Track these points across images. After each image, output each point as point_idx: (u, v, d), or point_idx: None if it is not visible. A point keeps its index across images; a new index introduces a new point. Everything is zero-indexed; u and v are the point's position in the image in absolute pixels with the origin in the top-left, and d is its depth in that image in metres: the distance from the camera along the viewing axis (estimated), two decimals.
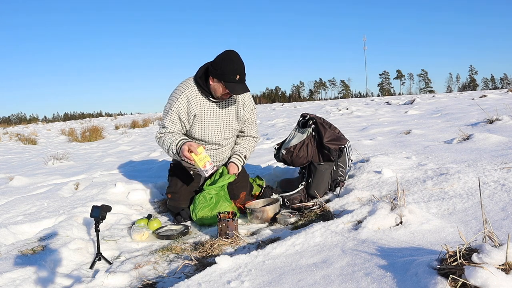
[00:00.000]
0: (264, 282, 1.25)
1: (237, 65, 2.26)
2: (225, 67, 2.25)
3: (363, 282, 1.14)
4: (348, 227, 1.65)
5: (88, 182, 3.36)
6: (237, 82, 2.28)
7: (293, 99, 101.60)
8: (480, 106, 6.98)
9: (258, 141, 2.78)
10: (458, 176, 2.14)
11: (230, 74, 2.25)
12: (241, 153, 2.61)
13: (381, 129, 5.47)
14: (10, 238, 2.10)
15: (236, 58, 2.28)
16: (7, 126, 28.98)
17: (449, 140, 3.60)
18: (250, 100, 2.62)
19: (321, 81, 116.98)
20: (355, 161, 2.94)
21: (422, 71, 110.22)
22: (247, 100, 2.58)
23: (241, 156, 2.60)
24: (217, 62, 2.29)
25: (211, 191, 2.37)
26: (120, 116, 39.35)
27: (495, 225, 1.50)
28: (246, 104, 2.58)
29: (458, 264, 1.01)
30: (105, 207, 1.92)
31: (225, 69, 2.25)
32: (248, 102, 2.59)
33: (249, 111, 2.60)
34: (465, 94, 19.04)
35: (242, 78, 2.30)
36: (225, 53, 2.30)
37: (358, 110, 10.55)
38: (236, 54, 2.30)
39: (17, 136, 12.88)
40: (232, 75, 2.26)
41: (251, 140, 2.71)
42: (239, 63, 2.28)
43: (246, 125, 2.66)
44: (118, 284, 1.59)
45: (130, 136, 10.45)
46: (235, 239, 1.93)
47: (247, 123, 2.64)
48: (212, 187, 2.38)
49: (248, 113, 2.60)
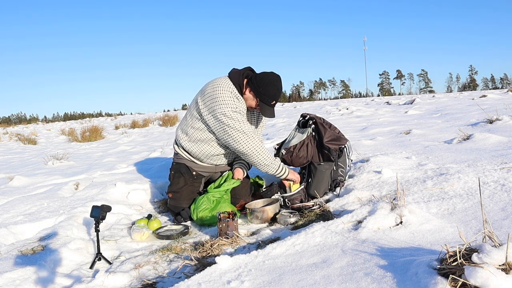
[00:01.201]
0: (264, 282, 1.25)
1: (278, 92, 2.37)
2: (268, 90, 2.33)
3: (363, 282, 1.14)
4: (348, 227, 1.65)
5: (88, 182, 3.36)
6: (271, 106, 2.39)
7: (293, 99, 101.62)
8: (480, 106, 6.98)
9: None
10: (458, 176, 2.14)
11: (269, 98, 2.34)
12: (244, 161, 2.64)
13: (381, 129, 5.47)
14: (10, 238, 2.10)
15: (280, 85, 2.38)
16: (7, 126, 28.99)
17: (449, 140, 3.60)
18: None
19: (321, 81, 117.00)
20: (355, 161, 2.94)
21: (422, 71, 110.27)
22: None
23: (245, 163, 2.64)
24: (263, 80, 2.33)
25: (216, 194, 2.38)
26: (120, 116, 39.36)
27: (495, 225, 1.50)
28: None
29: (458, 264, 1.01)
30: (105, 207, 1.92)
31: (267, 92, 2.33)
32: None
33: (263, 119, 2.69)
34: (465, 94, 19.06)
35: (275, 104, 2.41)
36: (272, 75, 2.37)
37: (358, 110, 10.55)
38: (281, 81, 2.39)
39: (17, 136, 12.89)
40: (270, 100, 2.36)
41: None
42: (280, 90, 2.39)
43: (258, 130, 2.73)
44: (118, 284, 1.59)
45: (130, 136, 10.45)
46: (235, 239, 1.93)
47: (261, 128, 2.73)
48: (217, 190, 2.39)
49: (264, 119, 2.71)
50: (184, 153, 2.64)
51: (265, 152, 2.38)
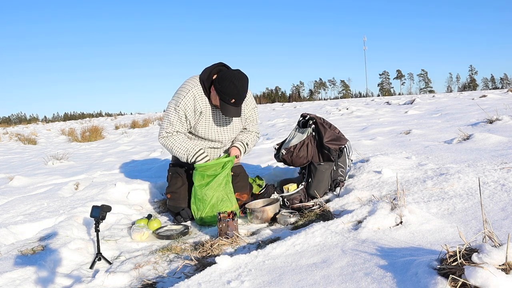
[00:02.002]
0: (264, 282, 1.25)
1: (236, 90, 2.26)
2: (226, 88, 2.27)
3: (363, 282, 1.14)
4: (348, 227, 1.65)
5: (88, 182, 3.36)
6: (231, 104, 2.30)
7: (293, 99, 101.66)
8: (480, 106, 6.98)
9: (259, 136, 2.83)
10: (458, 176, 2.14)
11: (227, 96, 2.28)
12: (243, 141, 2.65)
13: (381, 129, 5.47)
14: (10, 238, 2.11)
15: (240, 83, 2.27)
16: (7, 126, 29.00)
17: (449, 140, 3.60)
18: (252, 99, 2.65)
19: (321, 81, 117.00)
20: (355, 161, 2.94)
21: (422, 71, 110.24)
22: (248, 99, 2.60)
23: (243, 143, 2.63)
24: (222, 78, 2.29)
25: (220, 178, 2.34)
26: (120, 116, 39.38)
27: (495, 225, 1.50)
28: (248, 103, 2.60)
29: (458, 264, 1.01)
30: (105, 207, 1.92)
31: (225, 89, 2.27)
32: (249, 101, 2.61)
33: (250, 110, 2.64)
34: (465, 94, 19.06)
35: (237, 103, 2.31)
36: (232, 73, 2.29)
37: (358, 110, 10.56)
38: (241, 79, 2.28)
39: (17, 136, 12.89)
40: (229, 98, 2.28)
41: (253, 133, 2.74)
42: (240, 88, 2.28)
43: (248, 123, 2.70)
44: (118, 284, 1.59)
45: (130, 136, 10.45)
46: (235, 239, 1.93)
47: (248, 120, 2.68)
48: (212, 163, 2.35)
49: (249, 111, 2.64)
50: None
51: (176, 148, 2.44)
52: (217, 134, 2.54)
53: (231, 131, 2.60)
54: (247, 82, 2.34)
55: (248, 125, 2.71)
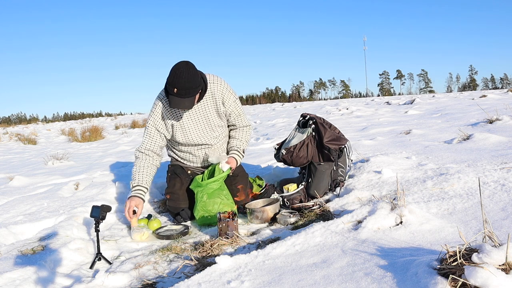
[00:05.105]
0: (264, 282, 1.25)
1: (177, 79, 2.13)
2: (168, 78, 2.18)
3: (363, 282, 1.14)
4: (348, 227, 1.65)
5: (88, 182, 3.36)
6: (175, 95, 2.16)
7: (293, 99, 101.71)
8: (480, 106, 6.98)
9: (252, 128, 2.73)
10: (458, 176, 2.14)
11: (169, 85, 2.16)
12: (239, 148, 2.59)
13: (381, 129, 5.47)
14: (10, 238, 2.10)
15: (179, 71, 2.14)
16: (7, 126, 28.99)
17: (449, 140, 3.60)
18: (229, 94, 2.48)
19: (321, 81, 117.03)
20: (355, 161, 2.94)
21: (422, 71, 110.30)
22: (226, 94, 2.46)
23: (240, 151, 2.59)
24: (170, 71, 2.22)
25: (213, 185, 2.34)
26: (120, 116, 39.38)
27: (495, 225, 1.50)
28: (226, 98, 2.47)
29: (458, 264, 1.01)
30: (105, 207, 1.92)
31: (168, 80, 2.18)
32: (227, 96, 2.46)
33: (230, 104, 2.49)
34: (465, 94, 19.05)
35: (180, 93, 2.16)
36: (176, 64, 2.19)
37: (358, 110, 10.56)
38: (184, 68, 2.16)
39: (17, 136, 12.88)
40: (171, 87, 2.15)
41: (245, 129, 2.65)
42: (182, 77, 2.14)
43: (234, 118, 2.56)
44: (118, 284, 1.58)
45: (130, 136, 10.45)
46: (235, 239, 1.93)
47: (233, 116, 2.54)
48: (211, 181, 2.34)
49: (230, 107, 2.49)
50: (173, 156, 2.73)
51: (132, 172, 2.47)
52: (197, 137, 2.49)
53: (211, 130, 2.50)
54: (193, 74, 2.18)
55: (235, 120, 2.57)
